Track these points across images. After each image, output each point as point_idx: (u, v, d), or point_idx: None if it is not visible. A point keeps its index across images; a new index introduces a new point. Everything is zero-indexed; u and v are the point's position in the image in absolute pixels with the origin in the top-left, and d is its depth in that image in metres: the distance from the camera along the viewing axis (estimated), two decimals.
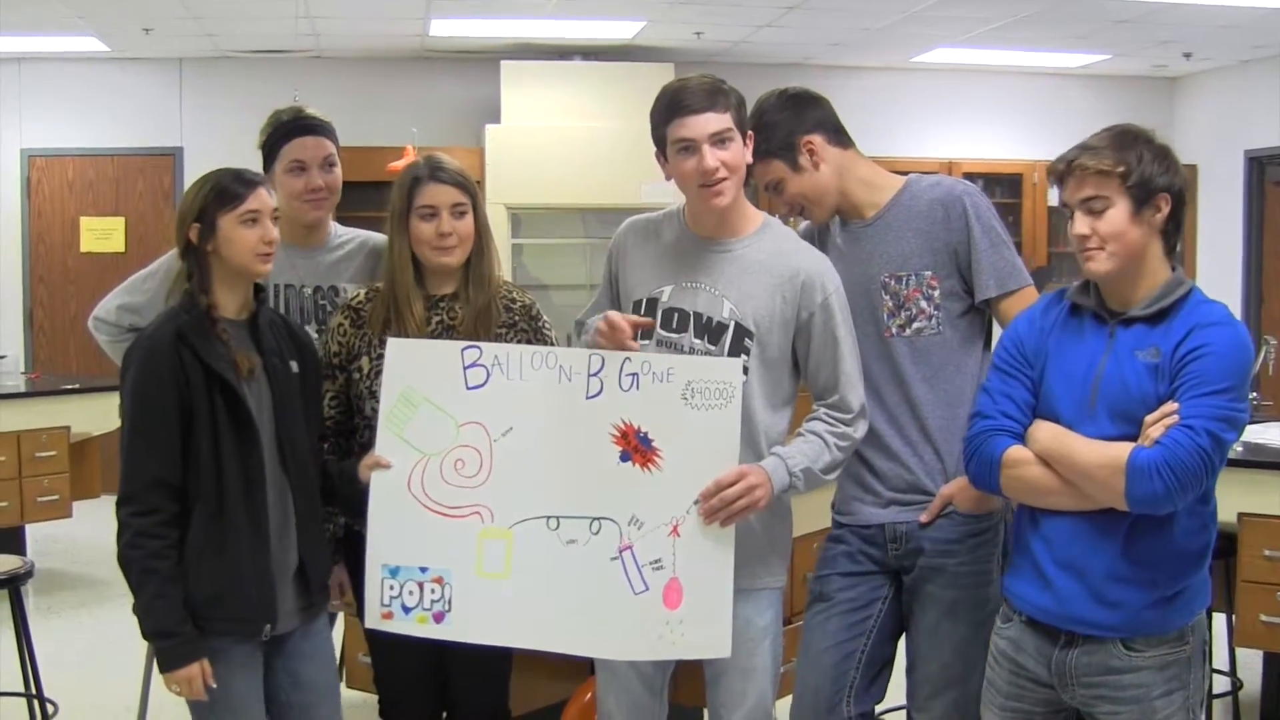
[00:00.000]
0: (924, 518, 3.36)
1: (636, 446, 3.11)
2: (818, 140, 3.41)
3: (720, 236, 3.30)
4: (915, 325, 3.37)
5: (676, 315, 3.27)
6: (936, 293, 3.36)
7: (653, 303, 3.29)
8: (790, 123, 3.40)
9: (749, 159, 3.26)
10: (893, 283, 3.38)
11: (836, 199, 3.45)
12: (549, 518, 3.14)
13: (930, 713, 3.43)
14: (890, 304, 3.38)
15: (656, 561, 3.10)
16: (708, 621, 3.10)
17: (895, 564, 3.42)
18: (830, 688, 3.40)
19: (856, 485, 3.46)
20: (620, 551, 3.11)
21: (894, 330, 3.38)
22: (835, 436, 3.23)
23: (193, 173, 4.79)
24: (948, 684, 3.38)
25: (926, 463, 3.39)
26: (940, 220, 3.36)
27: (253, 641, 3.13)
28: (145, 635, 3.07)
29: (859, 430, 3.27)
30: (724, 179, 3.17)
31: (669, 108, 3.17)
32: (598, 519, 3.12)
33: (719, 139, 3.15)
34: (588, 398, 3.13)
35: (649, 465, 3.10)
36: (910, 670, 3.49)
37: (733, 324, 3.22)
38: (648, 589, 3.10)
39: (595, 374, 3.13)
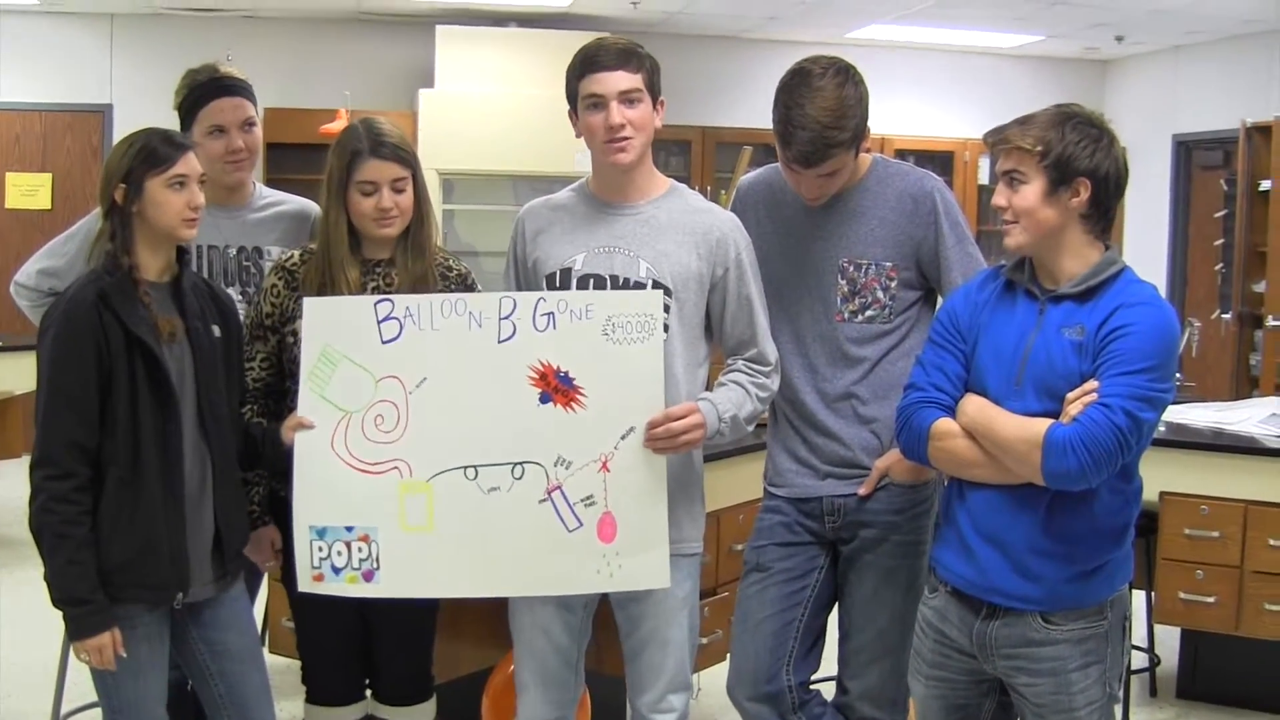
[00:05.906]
0: (863, 490, 3.37)
1: (557, 387, 3.11)
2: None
3: (628, 200, 3.29)
4: (868, 313, 3.36)
5: (592, 280, 3.24)
6: (894, 283, 3.35)
7: (566, 273, 3.27)
8: (865, 110, 3.33)
9: (659, 124, 3.25)
10: (851, 268, 3.36)
11: None
12: (466, 467, 3.13)
13: (865, 680, 3.46)
14: (845, 288, 3.37)
15: (588, 498, 3.11)
16: (644, 550, 3.12)
17: (832, 535, 3.44)
18: (769, 657, 3.41)
19: (790, 458, 3.47)
20: (549, 493, 3.11)
21: (845, 315, 3.37)
22: (756, 387, 3.26)
23: (122, 131, 4.70)
24: (884, 652, 3.41)
25: (864, 440, 3.40)
26: (909, 213, 3.35)
27: (163, 609, 3.10)
28: (55, 602, 2.99)
29: (775, 382, 3.31)
30: (628, 137, 3.18)
31: (582, 64, 3.20)
32: (519, 464, 3.12)
33: (628, 98, 3.16)
34: (500, 341, 3.12)
35: (572, 405, 3.11)
36: (844, 639, 3.50)
37: (650, 283, 3.21)
38: (581, 525, 3.11)
39: (506, 317, 3.12)
